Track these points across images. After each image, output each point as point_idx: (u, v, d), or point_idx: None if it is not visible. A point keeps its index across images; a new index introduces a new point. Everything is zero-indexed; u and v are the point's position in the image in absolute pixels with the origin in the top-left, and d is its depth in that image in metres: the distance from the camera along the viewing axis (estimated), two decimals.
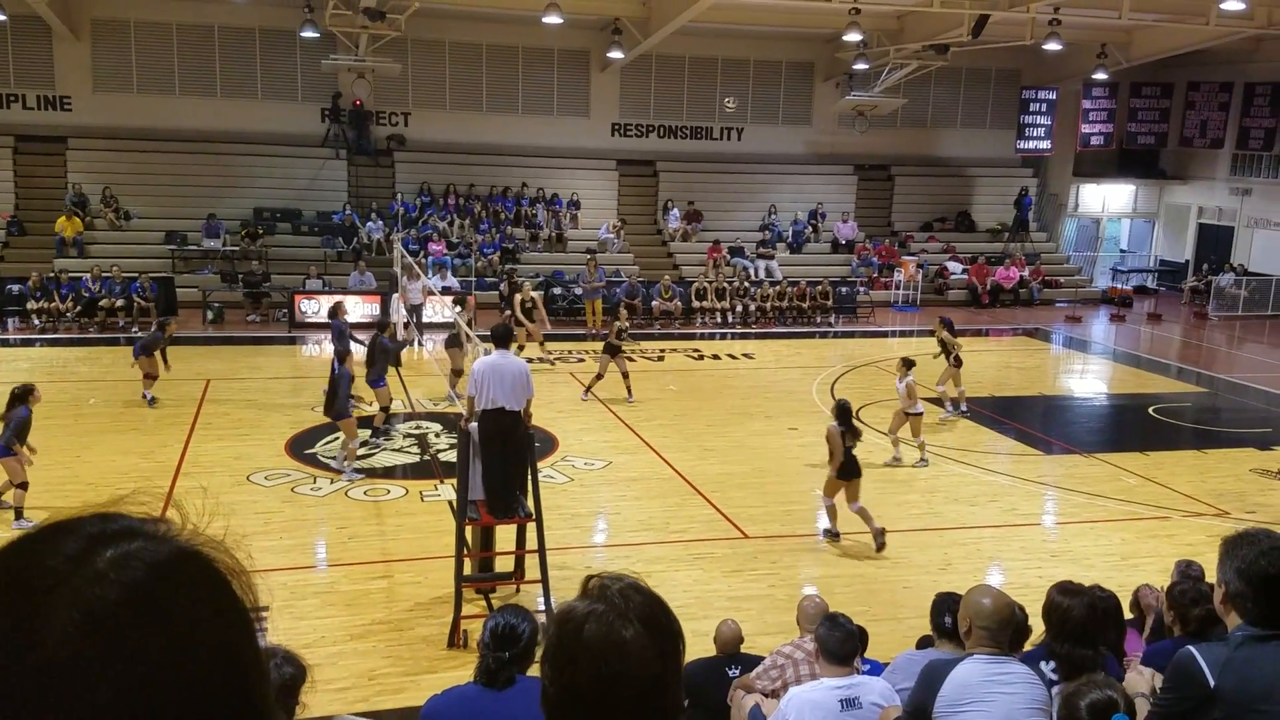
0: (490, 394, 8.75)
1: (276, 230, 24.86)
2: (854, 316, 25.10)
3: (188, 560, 0.90)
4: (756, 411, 16.03)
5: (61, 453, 12.76)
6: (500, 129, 27.30)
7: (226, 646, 0.89)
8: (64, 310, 20.66)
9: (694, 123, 28.86)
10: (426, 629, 8.49)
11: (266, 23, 25.05)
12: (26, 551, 0.88)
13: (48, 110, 24.96)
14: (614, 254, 25.82)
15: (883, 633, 7.57)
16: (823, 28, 25.71)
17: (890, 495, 12.40)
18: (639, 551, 10.37)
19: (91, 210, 24.12)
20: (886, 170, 30.17)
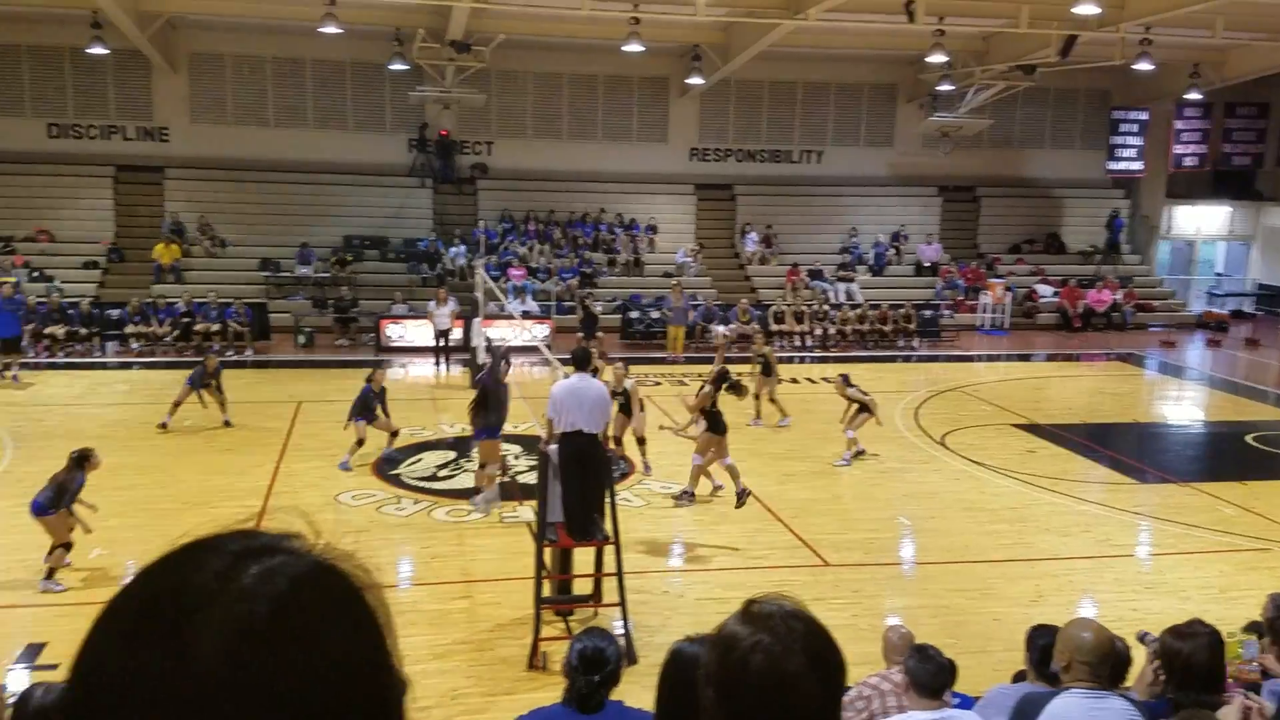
0: (569, 417, 8.78)
1: (364, 257, 25.45)
2: (938, 340, 24.69)
3: (326, 574, 0.91)
4: (837, 436, 15.80)
5: (159, 472, 13.17)
6: (580, 156, 27.60)
7: (367, 659, 0.90)
8: (161, 334, 21.38)
9: (773, 146, 28.81)
10: (507, 649, 8.52)
11: (357, 56, 25.74)
12: (174, 570, 0.89)
13: (147, 141, 25.96)
14: (691, 278, 25.84)
15: (971, 666, 7.34)
16: (906, 49, 25.49)
17: (980, 524, 12.12)
18: (716, 577, 10.28)
19: (188, 238, 24.97)
20: (972, 191, 29.70)
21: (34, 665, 8.02)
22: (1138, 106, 28.46)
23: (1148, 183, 29.87)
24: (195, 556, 0.89)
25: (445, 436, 15.34)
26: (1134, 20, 20.54)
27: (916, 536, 11.89)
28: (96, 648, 0.87)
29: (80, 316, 21.38)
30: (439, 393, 18.72)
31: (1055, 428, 16.68)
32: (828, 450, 15.07)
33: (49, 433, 14.74)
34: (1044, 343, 25.62)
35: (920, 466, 14.48)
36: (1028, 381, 21.28)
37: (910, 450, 15.34)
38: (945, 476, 14.05)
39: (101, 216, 25.35)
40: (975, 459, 14.80)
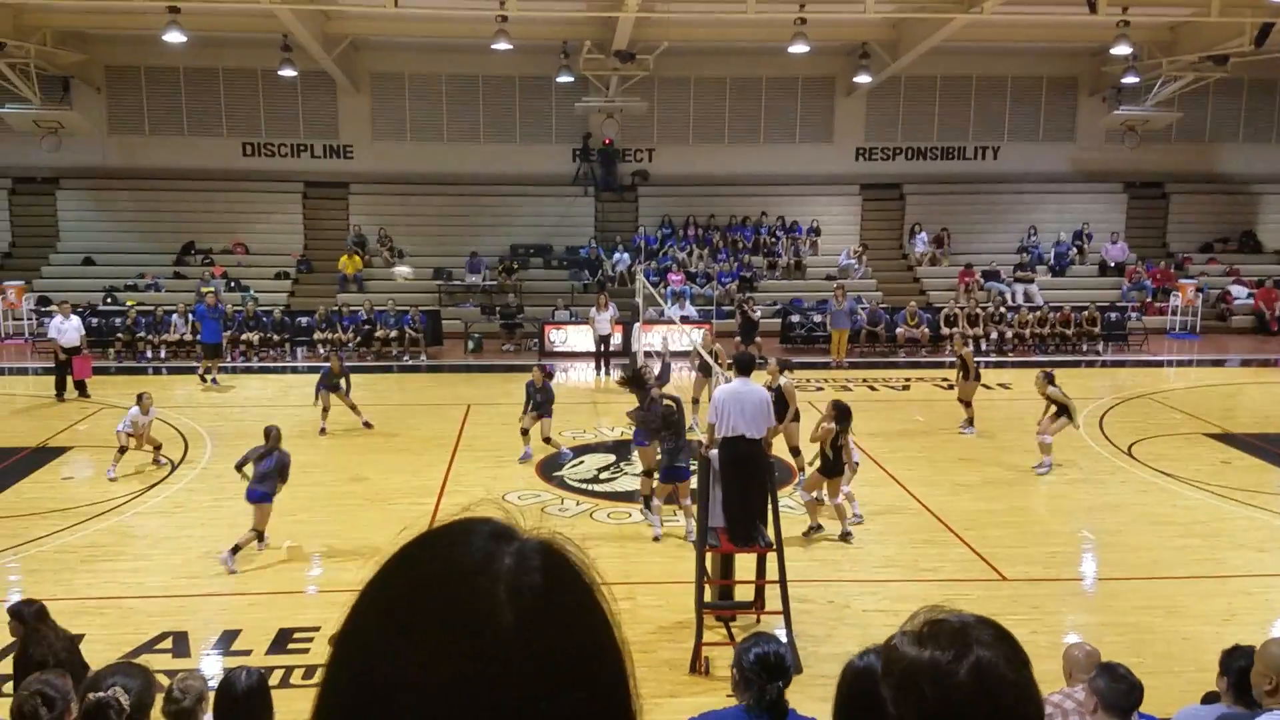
0: (731, 422, 8.73)
1: (530, 265, 26.12)
2: (1125, 344, 23.42)
3: (560, 550, 0.98)
4: (1014, 445, 15.17)
5: (342, 470, 13.85)
6: (742, 159, 27.52)
7: (610, 621, 0.97)
8: (345, 340, 22.51)
9: (945, 143, 27.98)
10: (669, 652, 8.53)
11: (525, 71, 26.44)
12: (444, 552, 0.95)
13: (332, 158, 27.41)
14: (856, 280, 25.34)
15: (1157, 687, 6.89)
16: (1087, 41, 24.35)
17: (1169, 539, 11.40)
18: (884, 589, 10.01)
19: (369, 249, 26.22)
20: (1160, 188, 28.07)
21: (228, 651, 8.54)
22: None
23: None
24: (458, 539, 0.96)
25: (605, 440, 15.53)
26: None
27: (1100, 551, 11.28)
28: (381, 632, 0.92)
29: (273, 324, 22.74)
30: (599, 397, 18.99)
31: (1252, 437, 15.53)
32: (1004, 460, 14.49)
33: (244, 432, 15.68)
34: (1239, 347, 23.93)
35: (1105, 477, 13.74)
36: (1221, 388, 19.91)
37: (1094, 460, 14.57)
38: (1132, 488, 13.28)
39: (291, 230, 26.92)
40: (1164, 470, 13.93)
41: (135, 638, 8.69)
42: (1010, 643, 1.34)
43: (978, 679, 1.28)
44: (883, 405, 18.27)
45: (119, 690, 3.87)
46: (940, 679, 1.30)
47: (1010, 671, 1.29)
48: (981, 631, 1.34)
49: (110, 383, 19.65)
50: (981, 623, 1.36)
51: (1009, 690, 1.29)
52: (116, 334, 22.11)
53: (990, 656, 1.30)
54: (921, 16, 21.56)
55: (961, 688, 1.28)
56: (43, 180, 26.60)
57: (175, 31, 20.19)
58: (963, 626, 1.35)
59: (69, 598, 9.59)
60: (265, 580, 10.12)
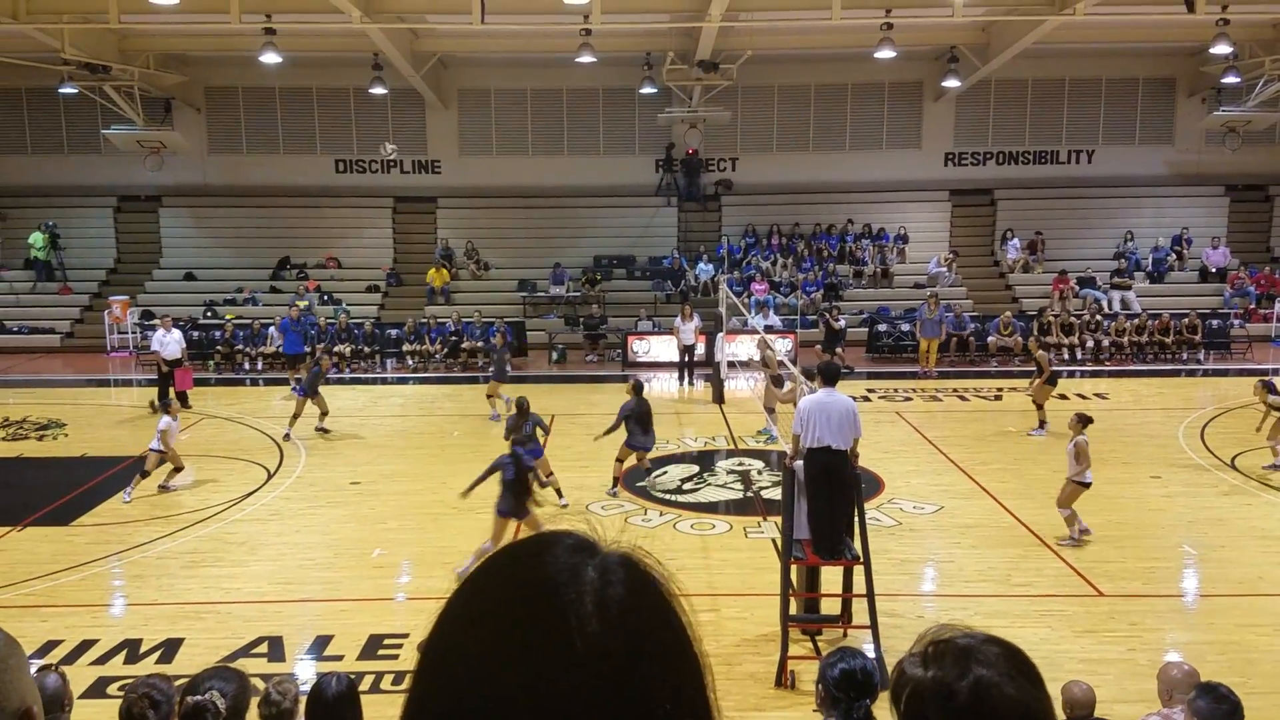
0: (816, 433, 8.62)
1: (613, 276, 26.24)
2: (1227, 352, 22.55)
3: (639, 563, 1.00)
4: (1112, 457, 14.70)
5: (430, 479, 14.06)
6: (826, 167, 27.28)
7: (691, 629, 0.99)
8: (433, 352, 22.89)
9: (1037, 147, 27.35)
10: (753, 665, 8.45)
11: (609, 83, 26.62)
12: (530, 564, 0.97)
13: (421, 173, 27.94)
14: (945, 287, 24.87)
15: (1262, 708, 6.62)
16: (1185, 41, 23.60)
17: (1273, 555, 10.92)
18: (977, 604, 9.77)
19: (456, 262, 26.65)
20: (1264, 191, 27.00)
21: (321, 656, 8.73)
22: None
23: None
24: (540, 552, 0.98)
25: (690, 450, 15.49)
26: None
27: (1202, 566, 10.85)
28: (471, 643, 0.93)
29: (364, 336, 23.25)
30: (683, 407, 18.96)
31: None
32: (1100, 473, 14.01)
33: (334, 442, 16.08)
34: None
35: (1207, 490, 13.22)
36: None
37: (1196, 473, 14.04)
38: (1236, 502, 12.76)
39: (381, 244, 27.51)
40: (1271, 483, 13.35)
41: (232, 642, 8.93)
42: (1017, 661, 1.31)
43: (978, 698, 1.26)
44: (974, 415, 17.89)
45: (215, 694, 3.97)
46: (942, 700, 1.29)
47: (1013, 690, 1.26)
48: (986, 650, 1.31)
49: (210, 394, 20.30)
50: (989, 641, 1.33)
51: (1012, 709, 1.26)
52: (215, 347, 22.83)
53: (991, 676, 1.28)
54: (1012, 19, 21.12)
55: (963, 708, 1.27)
56: (146, 199, 27.64)
57: (271, 52, 20.84)
58: (967, 646, 1.32)
59: (170, 602, 9.93)
60: (357, 587, 10.32)
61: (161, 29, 22.82)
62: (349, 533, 12.02)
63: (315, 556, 11.22)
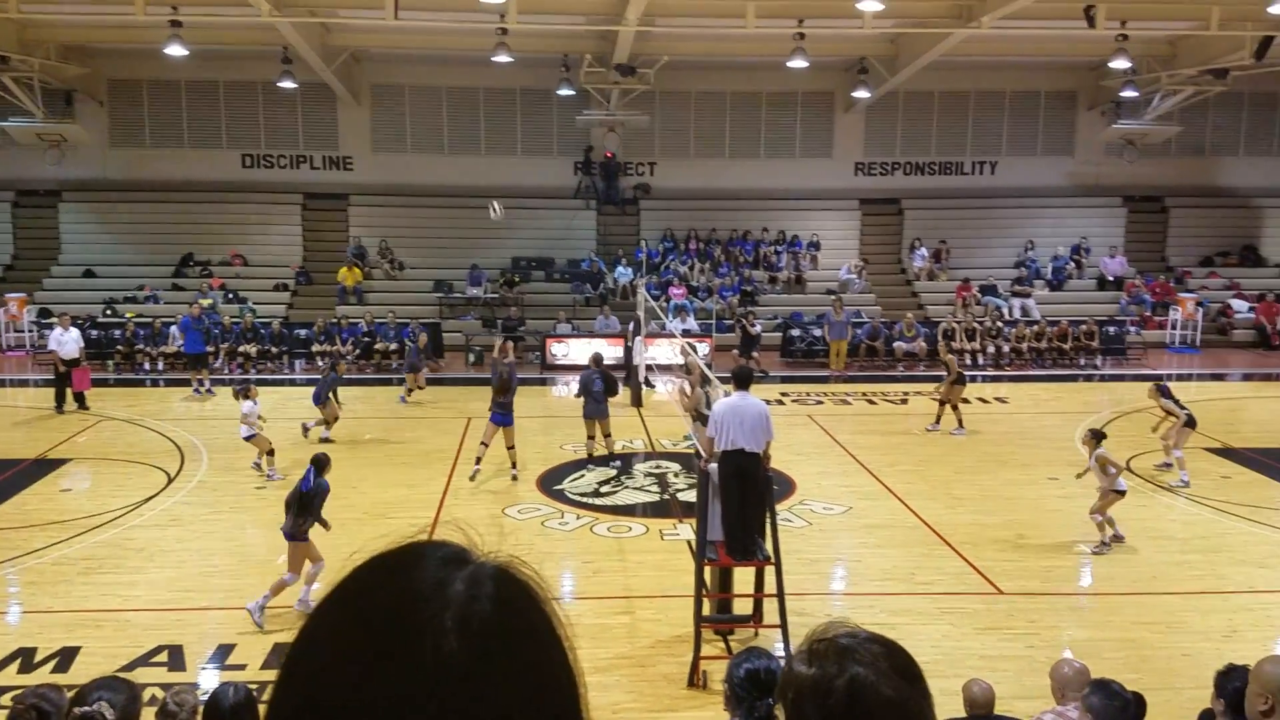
0: (730, 435, 8.73)
1: (531, 278, 26.14)
2: (1123, 358, 23.43)
3: (514, 576, 0.97)
4: (1011, 459, 15.18)
5: (339, 484, 13.72)
6: (742, 173, 27.59)
7: (564, 647, 0.97)
8: (344, 353, 22.50)
9: (943, 158, 28.06)
10: (667, 666, 8.50)
11: (526, 83, 26.52)
12: (396, 577, 0.94)
13: (332, 170, 27.47)
14: (855, 294, 25.36)
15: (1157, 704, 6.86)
16: (1086, 55, 24.45)
17: (1169, 554, 11.39)
18: (881, 602, 9.99)
19: (369, 261, 26.25)
20: (1160, 202, 28.13)
21: (224, 665, 8.52)
22: None
23: None
24: (408, 564, 0.95)
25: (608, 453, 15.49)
26: None
27: (1098, 565, 11.25)
28: (327, 654, 0.91)
29: (271, 336, 22.74)
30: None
31: (1253, 452, 15.52)
32: (1000, 474, 14.48)
33: (240, 445, 15.69)
34: (1239, 361, 23.94)
35: None
36: (1222, 403, 19.89)
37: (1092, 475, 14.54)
38: (1130, 502, 13.20)
39: (290, 241, 26.96)
40: (1164, 484, 13.92)
41: (131, 650, 8.66)
42: (896, 660, 1.34)
43: (854, 696, 1.30)
44: (881, 419, 18.27)
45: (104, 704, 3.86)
46: (820, 697, 1.32)
47: (888, 689, 1.29)
48: (866, 649, 1.34)
49: (109, 395, 19.64)
50: (870, 640, 1.36)
51: (885, 707, 1.29)
52: (115, 346, 22.11)
53: (868, 674, 1.31)
54: (919, 32, 21.65)
55: (838, 705, 1.30)
56: (45, 193, 26.65)
57: (177, 45, 20.27)
58: (848, 645, 1.35)
59: (66, 610, 9.58)
60: (260, 595, 10.08)
61: (63, 20, 22.02)
62: (253, 539, 11.76)
63: (217, 563, 10.95)
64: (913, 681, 1.33)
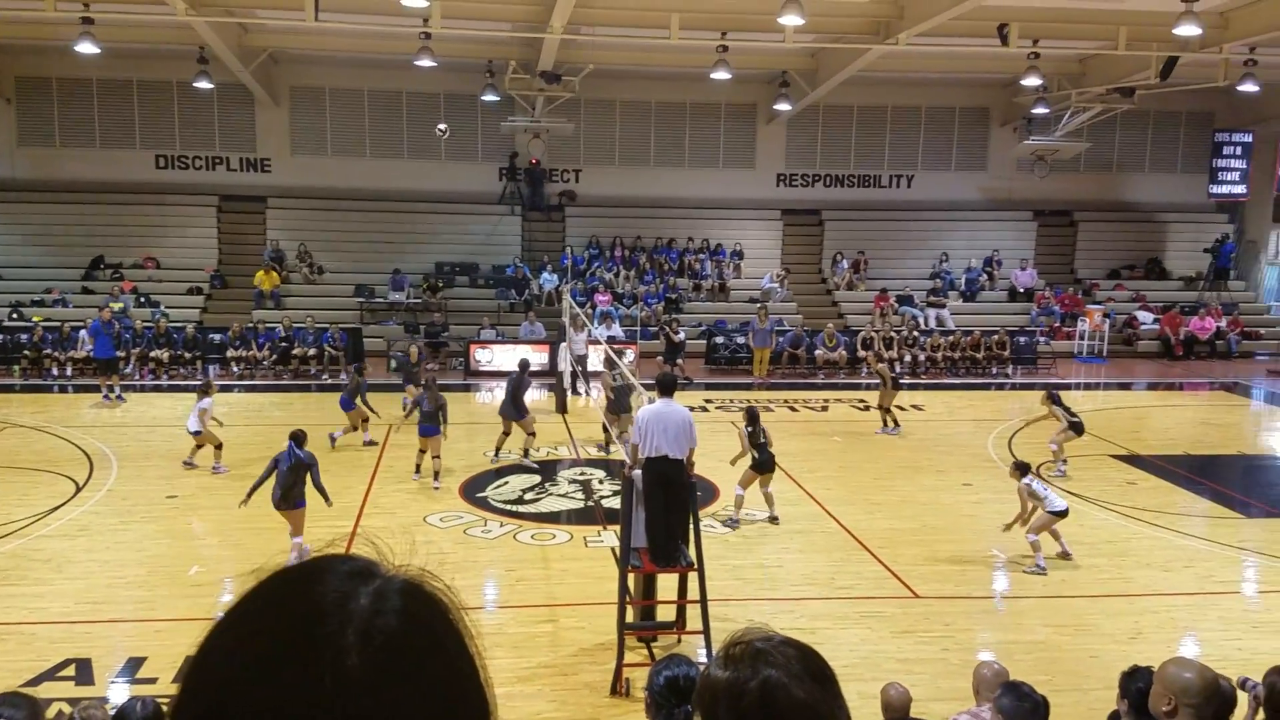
0: (654, 442, 8.79)
1: (455, 283, 25.94)
2: (1034, 368, 24.10)
3: (423, 591, 0.96)
4: (927, 465, 15.53)
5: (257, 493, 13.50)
6: (667, 182, 27.76)
7: (473, 662, 0.95)
8: (261, 358, 22.05)
9: (862, 171, 28.59)
10: (590, 675, 8.51)
11: (450, 88, 26.33)
12: (301, 591, 0.93)
13: (249, 172, 26.92)
14: (778, 303, 25.70)
15: (1065, 704, 7.12)
16: (999, 73, 25.12)
17: (1077, 558, 11.73)
18: (802, 606, 10.14)
19: (288, 265, 25.77)
20: (1069, 216, 29.04)
21: (134, 679, 8.29)
22: (1242, 129, 27.52)
23: (1252, 206, 28.78)
24: (312, 579, 0.93)
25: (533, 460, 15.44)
26: (1238, 40, 19.88)
27: (1010, 569, 11.57)
28: (231, 668, 0.89)
29: (184, 341, 22.18)
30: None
31: (1157, 459, 16.12)
32: (917, 480, 14.79)
33: (151, 453, 15.30)
34: (1144, 371, 24.83)
35: (1014, 497, 14.08)
36: (1127, 411, 20.62)
37: (1004, 480, 14.93)
38: None
39: (205, 244, 26.34)
40: (1072, 490, 14.35)
41: (37, 665, 8.38)
42: (810, 663, 1.37)
43: (765, 698, 1.33)
44: (802, 425, 18.53)
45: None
46: (733, 700, 1.35)
47: (800, 691, 1.32)
48: (780, 652, 1.37)
49: (15, 401, 18.96)
50: (785, 644, 1.39)
51: (797, 709, 1.32)
52: (22, 350, 21.34)
53: (780, 677, 1.34)
54: (838, 47, 22.04)
55: (750, 707, 1.33)
56: None
57: (88, 43, 19.64)
58: (762, 648, 1.38)
59: None
60: (173, 607, 9.84)
61: None
62: (164, 549, 11.46)
63: (127, 574, 10.65)
64: (825, 684, 1.36)
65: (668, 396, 9.17)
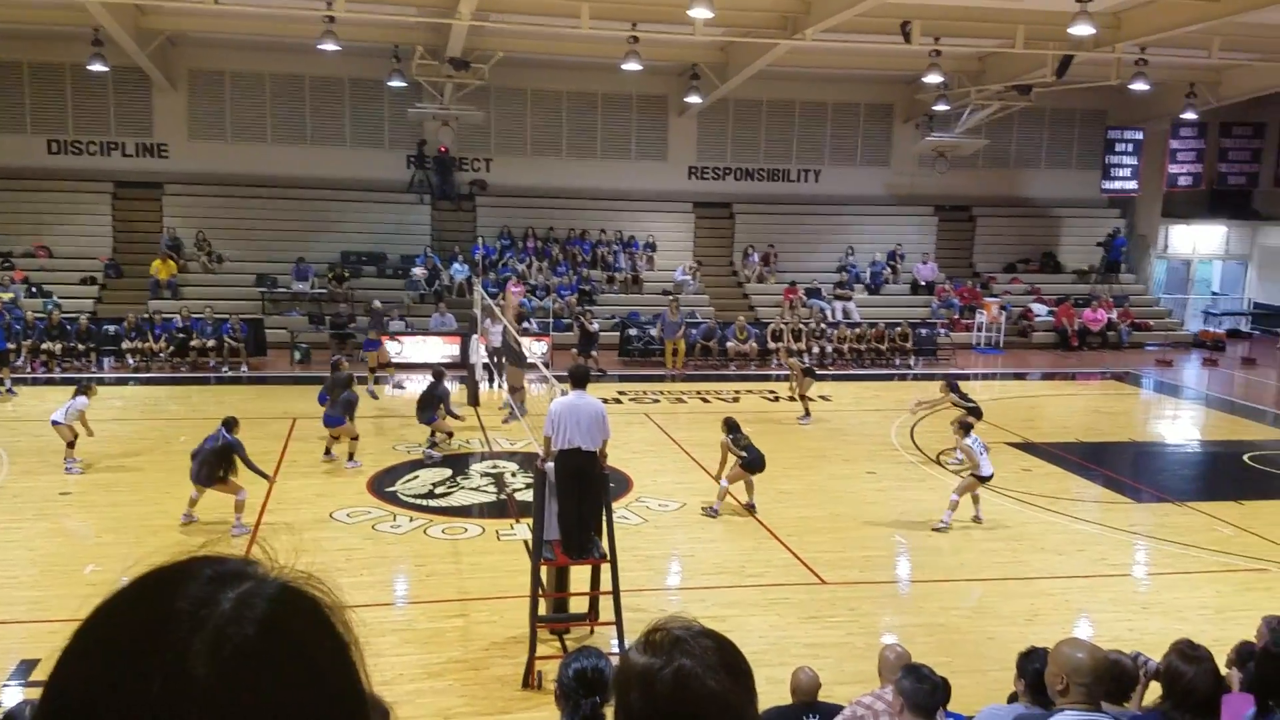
0: (567, 434, 8.79)
1: (362, 273, 25.48)
2: (934, 358, 24.73)
3: (297, 596, 0.93)
4: (834, 454, 15.84)
5: (152, 489, 13.14)
6: (579, 173, 27.70)
7: (344, 674, 0.92)
8: (157, 350, 21.37)
9: (771, 165, 28.92)
10: (502, 669, 8.49)
11: (355, 73, 25.84)
12: (154, 596, 0.90)
13: (146, 157, 26.03)
14: (690, 295, 25.88)
15: (965, 685, 7.34)
16: (902, 70, 25.63)
17: (974, 543, 12.11)
18: (714, 595, 10.26)
19: (186, 254, 25.00)
20: (968, 211, 29.82)
21: (27, 682, 7.99)
22: (1133, 126, 28.63)
23: (1143, 202, 30.01)
24: (172, 583, 0.90)
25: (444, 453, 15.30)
26: (1130, 40, 20.67)
27: (912, 554, 11.89)
28: (80, 676, 0.86)
29: (77, 332, 21.37)
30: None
31: (1051, 446, 16.70)
32: (823, 468, 15.06)
33: (43, 449, 14.71)
34: (1039, 361, 25.68)
35: (916, 485, 14.49)
36: (1023, 400, 21.31)
37: (906, 468, 15.36)
38: (941, 495, 14.04)
39: (100, 232, 25.39)
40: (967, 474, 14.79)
41: None
42: (725, 655, 1.40)
43: (677, 686, 1.35)
44: (714, 417, 18.68)
45: None
46: (646, 685, 1.37)
47: (711, 681, 1.35)
48: (697, 642, 1.40)
49: None
50: (703, 634, 1.42)
51: (708, 699, 1.35)
52: None
53: (693, 666, 1.36)
54: (748, 41, 22.25)
55: (662, 694, 1.36)
56: None
57: None
58: (679, 636, 1.41)
59: None
60: (67, 607, 9.49)
61: None
62: (57, 548, 11.06)
63: (19, 574, 10.25)
64: (738, 677, 1.38)
65: (581, 389, 9.17)
